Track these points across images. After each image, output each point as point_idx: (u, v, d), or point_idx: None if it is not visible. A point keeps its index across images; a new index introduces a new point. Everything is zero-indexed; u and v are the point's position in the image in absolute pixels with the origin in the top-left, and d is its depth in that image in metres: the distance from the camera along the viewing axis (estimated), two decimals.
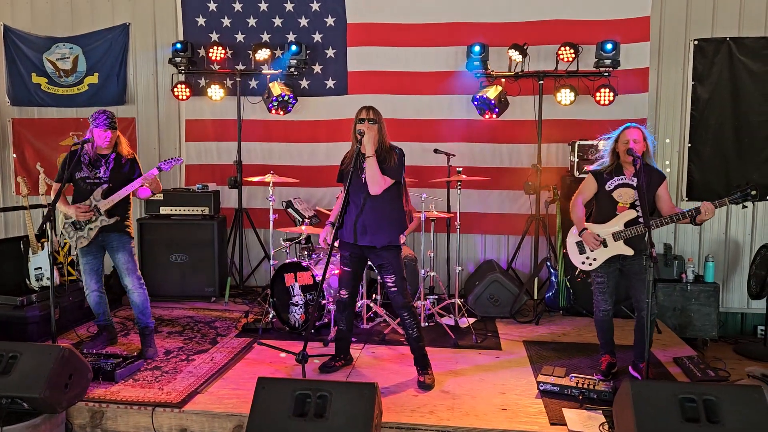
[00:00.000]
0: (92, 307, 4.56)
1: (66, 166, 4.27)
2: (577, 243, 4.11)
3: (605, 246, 3.96)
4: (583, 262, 4.07)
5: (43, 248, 5.20)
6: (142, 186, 4.32)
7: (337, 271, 5.12)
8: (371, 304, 5.12)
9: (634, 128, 3.89)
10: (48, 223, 3.88)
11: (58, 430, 3.49)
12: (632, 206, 3.91)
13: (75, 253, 4.43)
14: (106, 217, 4.28)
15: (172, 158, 4.44)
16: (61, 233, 4.41)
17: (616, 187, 3.96)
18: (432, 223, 5.37)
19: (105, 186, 4.27)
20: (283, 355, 4.40)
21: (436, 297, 5.42)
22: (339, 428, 2.92)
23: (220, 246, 6.07)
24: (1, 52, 6.68)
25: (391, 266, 3.94)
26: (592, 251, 4.01)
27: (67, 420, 3.60)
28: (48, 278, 5.15)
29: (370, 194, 3.85)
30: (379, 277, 5.21)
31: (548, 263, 5.61)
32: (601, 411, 3.54)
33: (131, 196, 4.43)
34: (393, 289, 3.96)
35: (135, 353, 4.41)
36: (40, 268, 5.17)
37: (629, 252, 3.90)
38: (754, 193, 3.62)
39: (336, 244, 3.94)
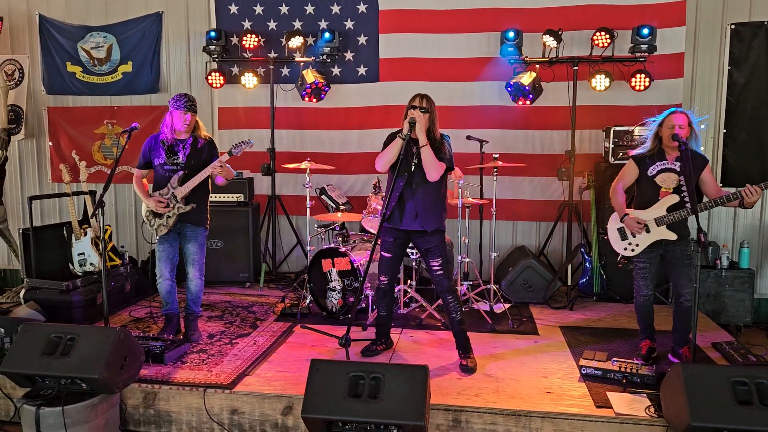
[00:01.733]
0: (162, 295, 4.52)
1: (145, 152, 4.34)
2: (618, 229, 4.12)
3: (648, 231, 3.97)
4: (626, 248, 4.08)
5: (85, 234, 5.30)
6: (213, 173, 4.27)
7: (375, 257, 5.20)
8: (408, 289, 5.17)
9: (680, 113, 3.87)
10: (99, 210, 3.95)
11: (113, 410, 3.59)
12: (676, 191, 3.90)
13: (156, 240, 4.44)
14: (183, 205, 4.26)
15: (242, 141, 4.33)
16: (143, 221, 4.44)
17: (659, 172, 3.96)
18: (467, 209, 5.39)
19: (181, 173, 4.26)
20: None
21: (471, 283, 5.46)
22: (393, 409, 2.99)
23: (254, 232, 6.14)
24: (37, 41, 6.77)
25: (438, 250, 4.00)
26: (634, 237, 4.01)
27: (122, 401, 3.70)
28: (91, 264, 5.26)
29: (420, 180, 3.90)
30: (422, 263, 5.27)
31: (582, 249, 5.62)
32: (645, 395, 3.57)
33: (210, 184, 4.43)
34: (439, 272, 4.02)
35: (180, 336, 4.50)
36: (83, 253, 5.28)
37: (672, 237, 3.91)
38: None
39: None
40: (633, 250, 4.04)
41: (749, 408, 2.85)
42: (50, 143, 6.90)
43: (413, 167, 3.91)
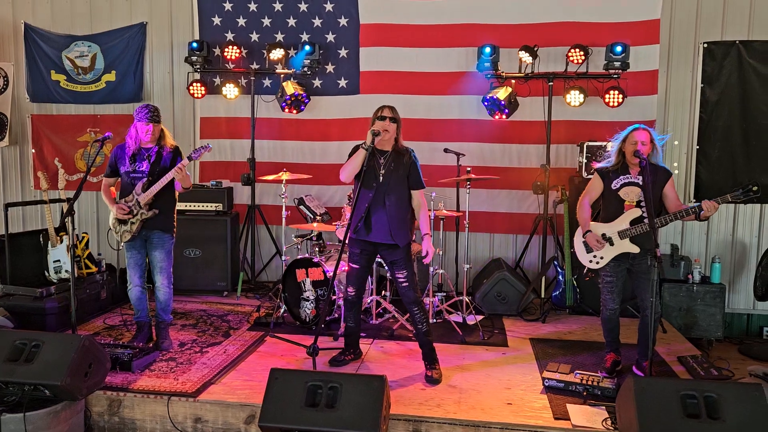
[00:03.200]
0: (132, 302, 4.59)
1: (111, 161, 4.45)
2: (584, 242, 4.18)
3: (612, 244, 4.04)
4: (591, 261, 4.14)
5: (61, 241, 5.34)
6: (174, 178, 4.34)
7: (344, 268, 5.25)
8: (381, 300, 5.22)
9: (642, 130, 3.96)
10: (69, 218, 3.99)
11: (77, 417, 3.62)
12: (638, 204, 3.98)
13: (121, 247, 4.52)
14: (146, 211, 4.35)
15: (201, 147, 4.44)
16: (109, 228, 4.52)
17: (623, 185, 4.03)
18: (441, 221, 5.45)
19: (144, 180, 4.33)
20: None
21: (445, 294, 5.51)
22: (349, 418, 3.03)
23: (232, 241, 6.19)
24: (22, 49, 6.84)
25: (403, 262, 4.05)
26: (598, 250, 4.08)
27: (86, 407, 3.73)
28: (66, 271, 5.29)
29: (392, 193, 3.96)
30: (388, 274, 5.31)
31: (555, 262, 5.68)
32: (604, 407, 3.62)
33: (176, 192, 4.53)
34: (404, 284, 4.07)
35: (151, 344, 4.53)
36: (59, 260, 5.31)
37: (635, 250, 3.97)
38: (755, 189, 3.68)
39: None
40: (598, 263, 4.10)
41: (697, 421, 2.91)
42: (33, 150, 6.94)
43: (381, 179, 3.96)
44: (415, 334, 4.20)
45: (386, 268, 5.18)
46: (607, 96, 5.70)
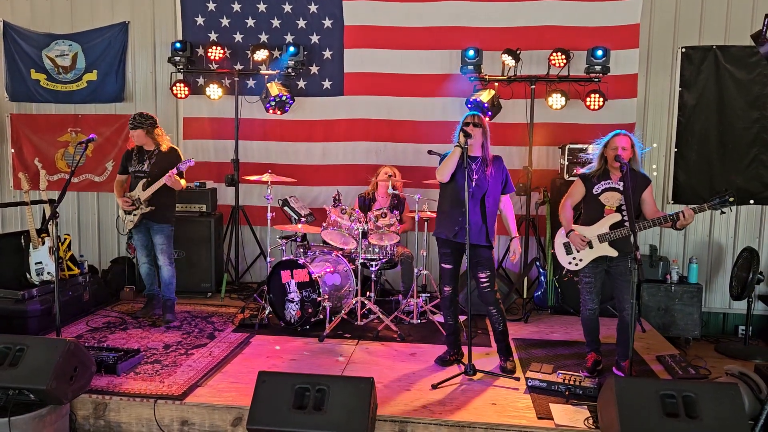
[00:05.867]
0: (143, 277, 5.38)
1: (123, 161, 5.22)
2: (564, 244, 4.27)
3: (591, 247, 4.12)
4: (570, 262, 4.23)
5: (43, 243, 5.29)
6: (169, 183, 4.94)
7: (329, 269, 5.28)
8: (365, 302, 5.24)
9: (623, 135, 4.04)
10: (53, 221, 3.97)
11: (62, 421, 3.60)
12: (618, 209, 4.06)
13: (126, 232, 5.30)
14: (144, 206, 4.99)
15: (186, 161, 5.02)
16: (117, 215, 5.44)
17: (603, 190, 4.12)
18: (426, 222, 5.50)
19: (144, 180, 5.00)
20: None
21: (428, 295, 5.56)
22: (337, 421, 3.06)
23: (216, 243, 6.18)
24: (1, 48, 6.74)
25: (488, 263, 4.20)
26: (578, 252, 4.17)
27: (72, 411, 3.71)
28: (48, 272, 5.25)
29: (482, 196, 4.15)
30: (382, 275, 5.34)
31: (537, 263, 5.77)
32: (586, 406, 3.70)
33: (173, 191, 5.10)
34: (486, 284, 4.21)
35: (136, 346, 4.52)
36: (41, 262, 5.27)
37: (614, 253, 4.06)
38: (731, 200, 3.79)
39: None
40: (577, 265, 4.19)
41: (676, 420, 2.99)
42: (12, 150, 6.85)
43: (474, 182, 4.13)
44: (493, 332, 4.47)
45: (371, 269, 5.23)
46: (588, 99, 5.80)
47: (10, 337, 3.65)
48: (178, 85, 6.30)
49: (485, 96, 5.82)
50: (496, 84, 5.97)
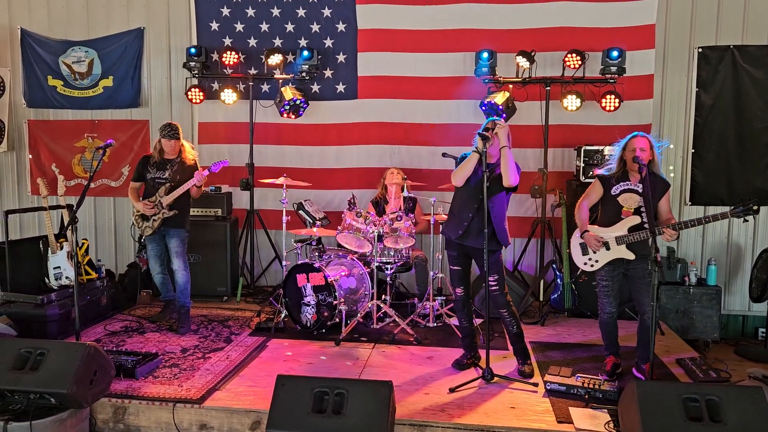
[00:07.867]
0: (158, 286, 5.40)
1: (139, 168, 5.21)
2: (580, 244, 4.24)
3: (608, 249, 4.09)
4: (586, 263, 4.21)
5: (61, 248, 5.33)
6: (194, 186, 5.02)
7: (345, 273, 5.27)
8: (381, 305, 5.24)
9: (641, 137, 4.01)
10: (72, 226, 4.00)
11: (82, 425, 3.62)
12: (636, 212, 4.03)
13: (142, 240, 5.34)
14: (167, 210, 5.04)
15: (220, 161, 5.13)
16: (132, 223, 5.30)
17: (622, 192, 4.08)
18: (441, 226, 5.47)
19: (167, 185, 5.05)
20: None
21: (444, 298, 5.54)
22: (356, 425, 3.05)
23: (232, 246, 6.20)
24: (19, 55, 6.82)
25: (496, 266, 4.16)
26: (594, 253, 4.14)
27: (91, 415, 3.74)
28: (67, 277, 5.28)
29: (491, 200, 4.05)
30: (397, 278, 5.33)
31: (554, 266, 5.73)
32: (606, 410, 3.66)
33: (190, 198, 5.17)
34: (495, 287, 4.18)
35: (154, 350, 4.54)
36: (59, 267, 5.30)
37: (630, 256, 4.03)
38: (756, 208, 3.74)
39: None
40: (592, 266, 4.16)
41: (700, 424, 2.95)
42: (30, 156, 6.92)
43: (488, 183, 4.05)
44: (507, 334, 4.39)
45: (386, 272, 5.22)
46: (603, 100, 5.76)
47: (30, 341, 3.68)
48: (193, 90, 6.35)
49: (500, 98, 5.80)
50: (511, 86, 5.95)
